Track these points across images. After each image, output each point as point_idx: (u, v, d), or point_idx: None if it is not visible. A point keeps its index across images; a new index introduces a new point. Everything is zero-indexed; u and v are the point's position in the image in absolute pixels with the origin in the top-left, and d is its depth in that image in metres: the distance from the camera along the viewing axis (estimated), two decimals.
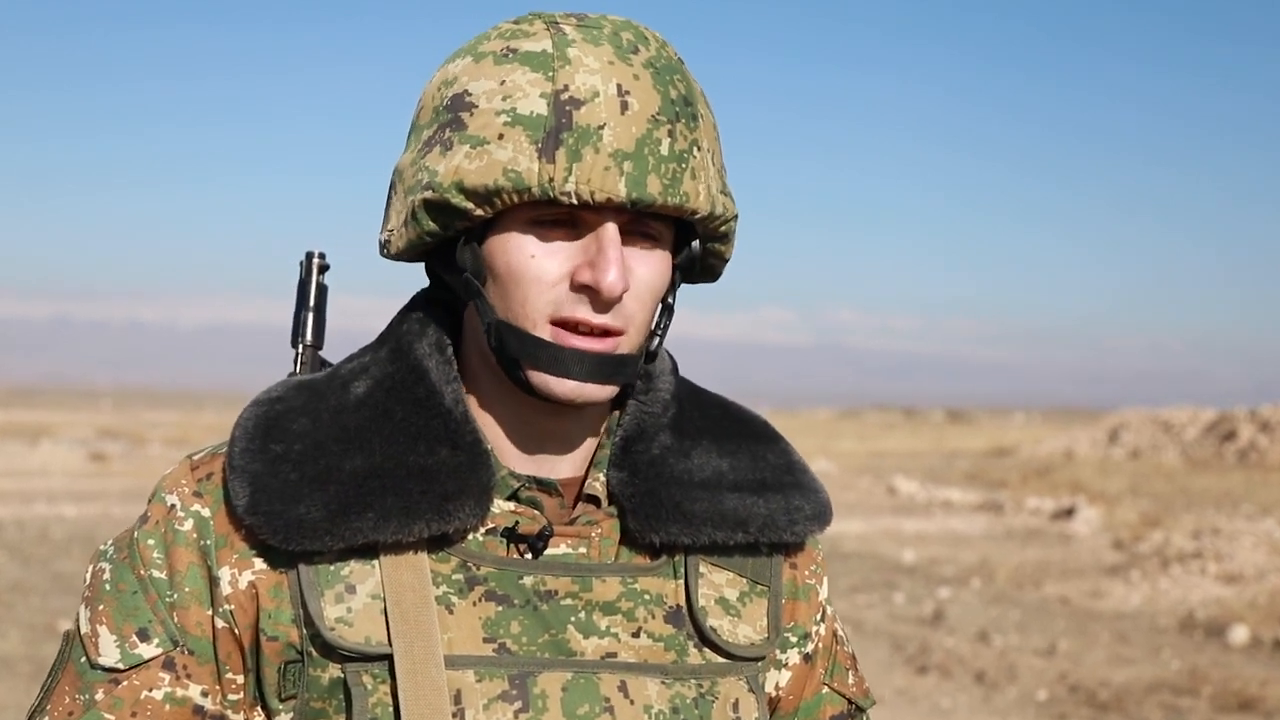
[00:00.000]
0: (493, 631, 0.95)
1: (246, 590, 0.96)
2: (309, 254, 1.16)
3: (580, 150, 0.90)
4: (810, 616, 1.11)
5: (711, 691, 1.00)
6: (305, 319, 1.14)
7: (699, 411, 1.08)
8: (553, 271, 0.94)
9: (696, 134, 0.94)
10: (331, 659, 0.94)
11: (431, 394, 0.99)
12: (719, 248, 1.02)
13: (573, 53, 0.92)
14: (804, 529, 1.06)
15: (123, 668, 0.95)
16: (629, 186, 0.90)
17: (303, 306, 1.14)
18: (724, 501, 1.02)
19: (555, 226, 0.94)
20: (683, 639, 1.00)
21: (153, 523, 0.98)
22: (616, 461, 1.03)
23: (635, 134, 0.91)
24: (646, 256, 0.96)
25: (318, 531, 0.93)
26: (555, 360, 0.94)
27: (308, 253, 1.16)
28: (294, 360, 1.13)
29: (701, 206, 0.94)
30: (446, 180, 0.92)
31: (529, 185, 0.90)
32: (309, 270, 1.15)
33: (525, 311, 0.94)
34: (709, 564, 1.03)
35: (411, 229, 0.96)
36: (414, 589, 0.94)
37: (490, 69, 0.93)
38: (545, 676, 0.95)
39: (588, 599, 0.98)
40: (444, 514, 0.94)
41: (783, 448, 1.09)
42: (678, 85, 0.94)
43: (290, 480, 0.94)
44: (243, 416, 0.99)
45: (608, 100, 0.91)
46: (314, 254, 1.16)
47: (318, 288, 1.15)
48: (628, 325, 0.95)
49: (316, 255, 1.16)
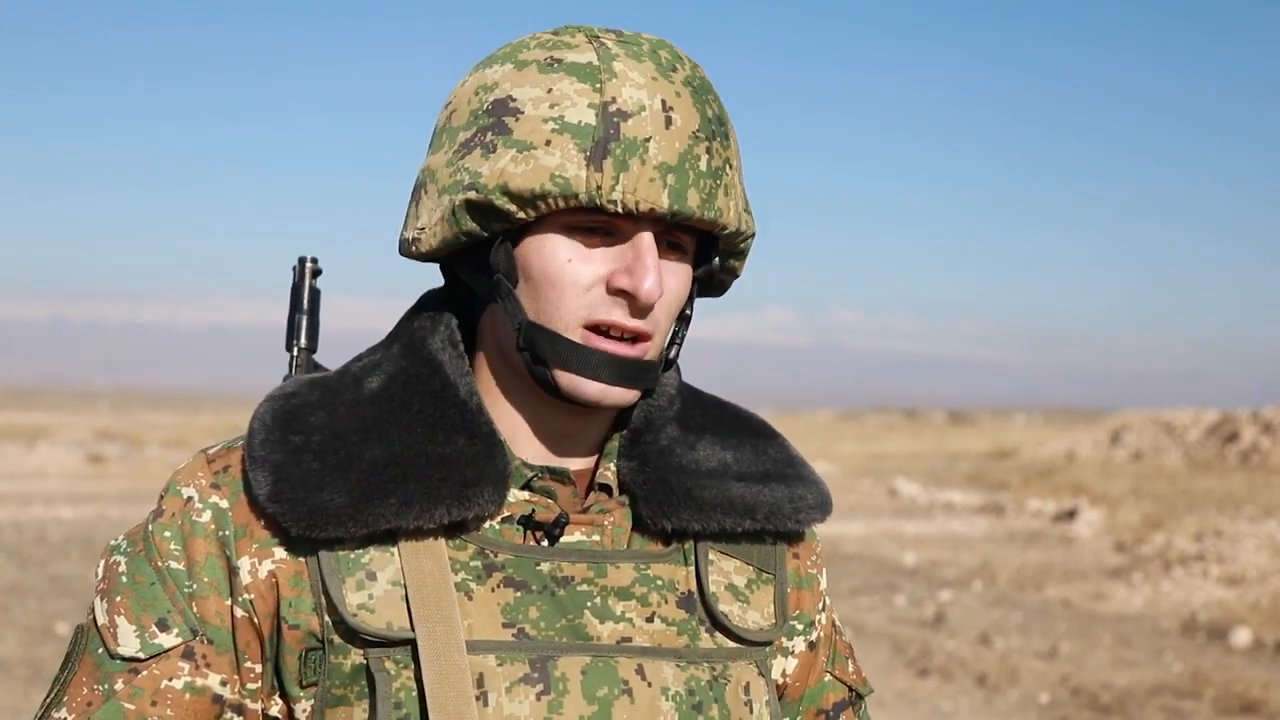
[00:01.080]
0: (511, 617, 0.97)
1: (266, 580, 0.97)
2: (301, 259, 1.18)
3: (628, 161, 0.93)
4: (813, 605, 1.15)
5: (724, 675, 1.02)
6: (299, 323, 1.16)
7: (700, 409, 1.11)
8: (588, 276, 0.97)
9: (729, 153, 0.99)
10: (354, 645, 0.96)
11: (447, 385, 1.01)
12: (734, 264, 1.07)
13: (618, 66, 0.95)
14: (808, 517, 1.09)
15: (143, 657, 0.96)
16: (671, 199, 0.94)
17: (296, 310, 1.16)
18: (731, 489, 1.05)
19: (592, 234, 0.97)
20: (695, 624, 1.03)
21: (168, 515, 1.00)
22: (626, 452, 1.05)
23: (678, 149, 0.94)
24: (674, 268, 0.99)
25: (341, 518, 0.94)
26: (585, 363, 0.97)
27: (300, 258, 1.18)
28: (289, 364, 1.15)
29: (731, 222, 0.99)
30: (491, 182, 0.94)
31: (576, 191, 0.93)
32: (302, 274, 1.17)
33: (559, 314, 0.97)
34: (717, 551, 1.06)
35: (449, 227, 0.98)
36: (434, 575, 0.96)
37: (535, 76, 0.96)
38: (565, 660, 0.97)
39: (603, 585, 1.00)
40: (464, 500, 0.96)
41: (781, 443, 1.13)
42: (712, 104, 0.98)
43: (312, 469, 0.96)
44: (259, 411, 1.00)
45: (653, 114, 0.94)
46: (306, 259, 1.18)
47: (311, 292, 1.17)
48: (655, 331, 0.99)
49: (309, 260, 1.18)
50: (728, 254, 1.05)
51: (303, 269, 1.17)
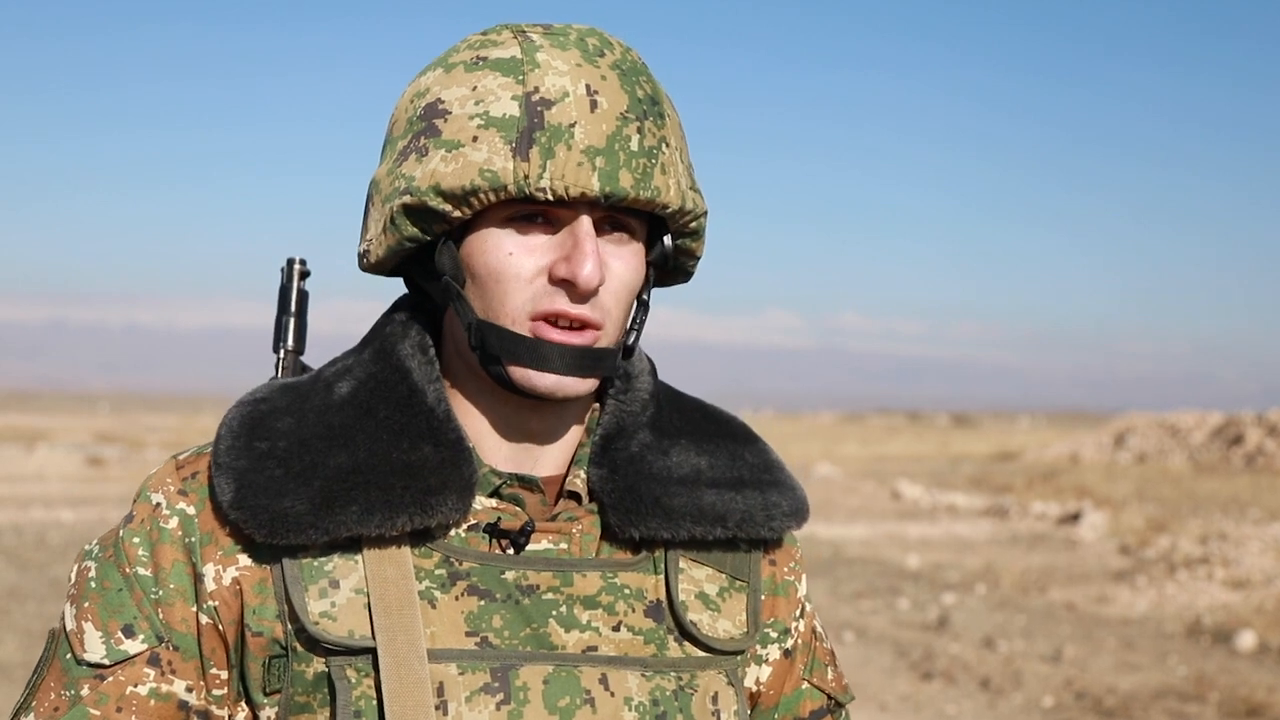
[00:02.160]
0: (475, 625, 0.97)
1: (230, 586, 0.97)
2: (290, 260, 1.18)
3: (553, 147, 0.92)
4: (790, 612, 1.13)
5: (691, 684, 1.01)
6: (286, 324, 1.16)
7: (678, 413, 1.10)
8: (530, 267, 0.96)
9: (664, 131, 0.97)
10: (315, 653, 0.95)
11: (414, 393, 1.01)
12: (690, 244, 1.04)
13: (541, 57, 0.95)
14: (781, 525, 1.08)
15: (108, 663, 0.96)
16: (602, 181, 0.93)
17: (284, 312, 1.16)
18: (702, 497, 1.04)
19: (531, 224, 0.96)
20: (663, 633, 1.02)
21: (138, 521, 1.00)
22: (596, 459, 1.04)
23: (605, 131, 0.94)
24: (620, 252, 0.98)
25: (302, 525, 0.94)
26: (535, 355, 0.96)
27: (289, 259, 1.18)
28: (275, 365, 1.15)
29: (672, 200, 0.97)
30: (424, 184, 0.95)
31: (505, 183, 0.93)
32: (290, 276, 1.17)
33: (505, 309, 0.96)
34: (689, 559, 1.05)
35: (390, 235, 0.98)
36: (397, 583, 0.96)
37: (461, 76, 0.96)
38: (527, 669, 0.96)
39: (569, 593, 1.00)
40: (426, 508, 0.96)
41: (760, 447, 1.11)
42: (644, 85, 0.97)
43: (275, 476, 0.96)
44: (228, 416, 1.00)
45: (577, 99, 0.93)
46: (294, 260, 1.18)
47: (299, 293, 1.17)
48: (605, 319, 0.98)
49: (297, 261, 1.18)
50: (679, 234, 1.03)
51: (290, 270, 1.17)
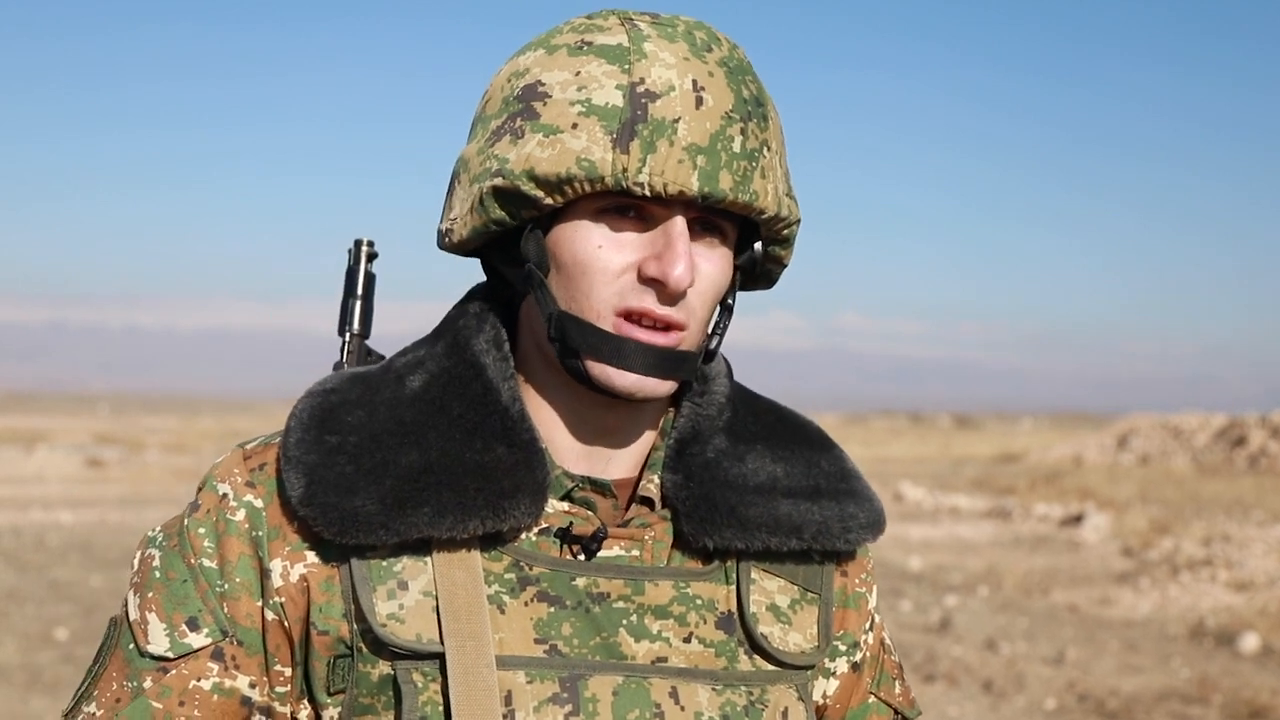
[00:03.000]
0: (544, 632, 0.95)
1: (298, 583, 0.96)
2: (357, 242, 1.15)
3: (655, 142, 0.90)
4: (860, 625, 1.11)
5: (761, 699, 0.99)
6: (353, 307, 1.13)
7: (753, 416, 1.07)
8: (619, 262, 0.94)
9: (767, 134, 0.95)
10: (382, 656, 0.94)
11: (488, 390, 0.99)
12: (779, 252, 1.02)
13: (649, 47, 0.92)
14: (858, 537, 1.05)
15: (172, 656, 0.95)
16: (701, 180, 0.91)
17: (350, 295, 1.14)
18: (779, 507, 1.01)
19: (623, 218, 0.94)
20: (734, 645, 1.00)
21: (204, 511, 0.98)
22: (671, 464, 1.02)
23: (709, 129, 0.91)
24: (711, 254, 0.96)
25: (373, 525, 0.92)
26: (617, 352, 0.94)
27: (356, 240, 1.15)
28: (340, 349, 1.13)
29: (769, 206, 0.95)
30: (518, 168, 0.92)
31: (602, 175, 0.91)
32: (357, 258, 1.14)
33: (590, 303, 0.94)
34: (761, 570, 1.03)
35: (478, 216, 0.96)
36: (466, 587, 0.94)
37: (564, 60, 0.94)
38: (596, 680, 0.95)
39: (640, 602, 0.98)
40: (499, 512, 0.94)
41: (837, 455, 1.09)
42: (750, 85, 0.95)
43: (346, 472, 0.94)
44: (297, 407, 0.99)
45: (683, 95, 0.91)
46: (362, 241, 1.15)
47: (366, 276, 1.14)
48: (690, 320, 0.95)
49: (365, 243, 1.15)
50: (771, 241, 1.01)
51: (358, 252, 1.14)
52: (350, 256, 1.15)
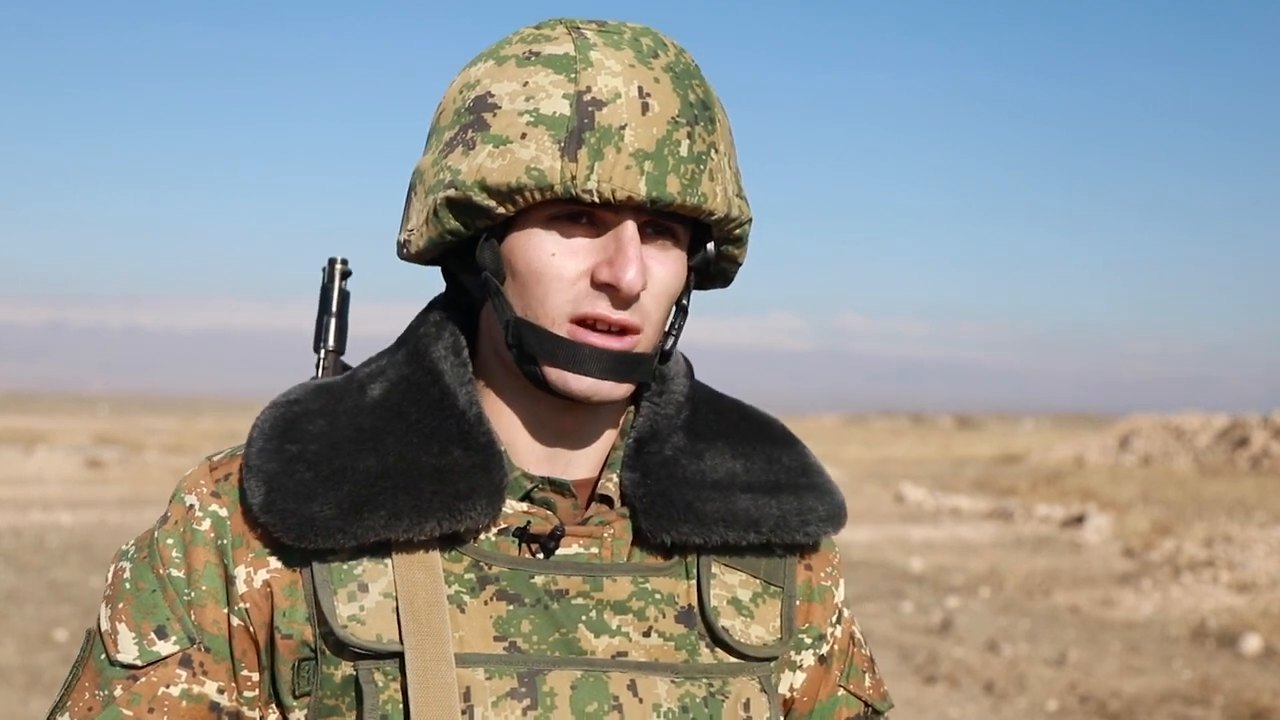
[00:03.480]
0: (504, 630, 0.97)
1: (261, 589, 0.98)
2: (331, 260, 1.18)
3: (602, 149, 0.92)
4: (825, 618, 1.12)
5: (722, 691, 1.01)
6: (327, 324, 1.16)
7: (715, 414, 1.09)
8: (572, 269, 0.95)
9: (714, 137, 0.97)
10: (344, 657, 0.96)
11: (446, 395, 1.01)
12: (733, 251, 1.04)
13: (595, 55, 0.94)
14: (817, 530, 1.07)
15: (140, 664, 0.97)
16: (649, 185, 0.92)
17: (325, 312, 1.17)
18: (736, 502, 1.03)
19: (575, 225, 0.96)
20: (694, 639, 1.01)
21: (172, 523, 1.01)
22: (630, 462, 1.04)
23: (656, 135, 0.93)
24: (663, 257, 0.98)
25: (330, 529, 0.94)
26: (572, 357, 0.96)
27: (330, 259, 1.18)
28: (316, 365, 1.15)
29: (719, 208, 0.96)
30: (469, 178, 0.94)
31: (551, 183, 0.92)
32: (331, 276, 1.17)
33: (545, 310, 0.96)
34: (722, 565, 1.04)
35: (433, 227, 0.98)
36: (426, 588, 0.96)
37: (513, 71, 0.96)
38: (555, 675, 0.96)
39: (599, 598, 0.99)
40: (455, 513, 0.96)
41: (798, 450, 1.10)
42: (696, 89, 0.96)
43: (305, 479, 0.96)
44: (260, 418, 1.01)
45: (629, 101, 0.93)
46: (336, 260, 1.18)
47: (340, 293, 1.17)
48: (644, 323, 0.97)
49: (339, 261, 1.18)
50: (723, 241, 1.03)
51: (332, 270, 1.17)
52: (324, 275, 1.18)
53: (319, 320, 1.17)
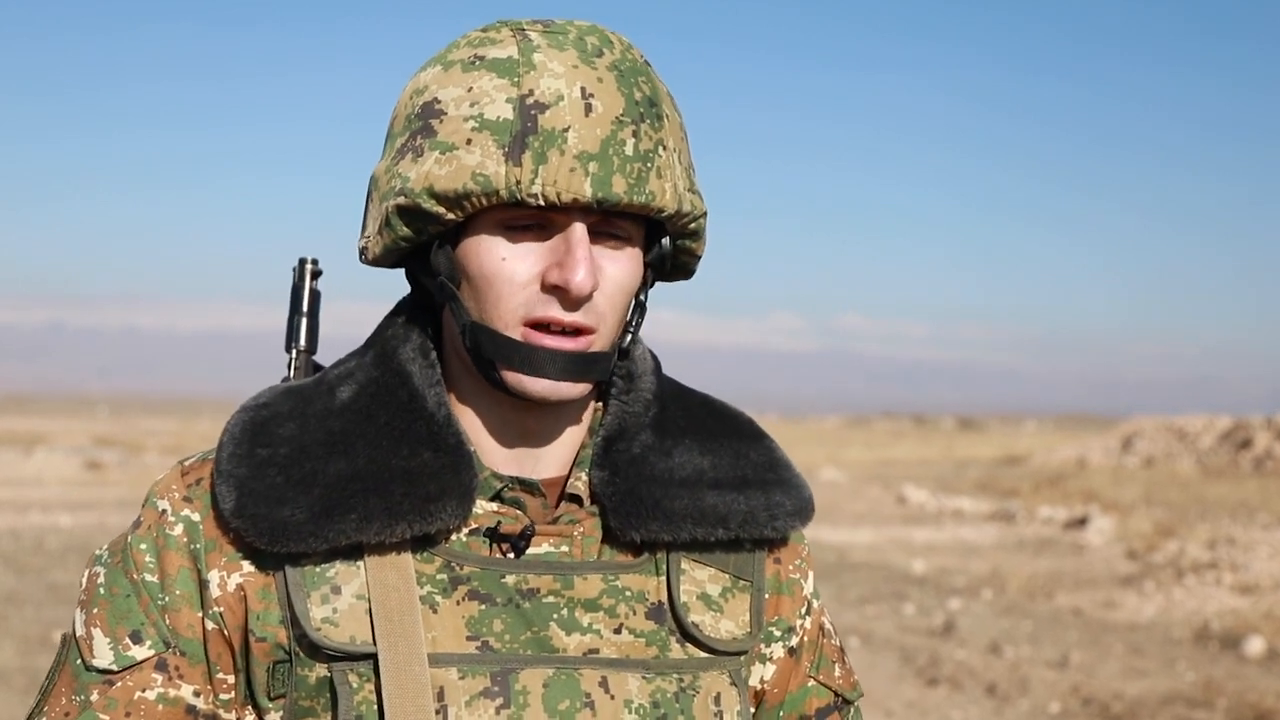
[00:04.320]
0: (476, 630, 0.98)
1: (235, 593, 0.98)
2: (301, 260, 1.18)
3: (545, 153, 0.92)
4: (794, 610, 1.13)
5: (693, 685, 1.02)
6: (299, 325, 1.16)
7: (683, 411, 1.10)
8: (523, 273, 0.96)
9: (662, 134, 0.96)
10: (318, 659, 0.96)
11: (414, 397, 1.01)
12: (690, 245, 1.04)
13: (538, 58, 0.94)
14: (785, 524, 1.08)
15: (116, 669, 0.98)
16: (594, 187, 0.93)
17: (296, 312, 1.17)
18: (704, 499, 1.04)
19: (525, 229, 0.96)
20: (664, 634, 1.02)
21: (145, 527, 1.01)
22: (598, 461, 1.05)
23: (600, 135, 0.93)
24: (616, 255, 0.98)
25: (302, 533, 0.95)
26: (528, 360, 0.96)
27: (300, 259, 1.18)
28: (288, 365, 1.16)
29: (668, 205, 0.96)
30: (418, 186, 0.95)
31: (497, 188, 0.93)
32: (301, 276, 1.17)
33: (498, 313, 0.96)
34: (691, 560, 1.05)
35: (386, 235, 0.99)
36: (398, 589, 0.97)
37: (458, 76, 0.96)
38: (527, 673, 0.97)
39: (570, 596, 1.00)
40: (426, 515, 0.97)
41: (766, 445, 1.11)
42: (642, 87, 0.97)
43: (275, 483, 0.97)
44: (230, 422, 1.01)
45: (572, 103, 0.93)
46: (306, 260, 1.18)
47: (311, 293, 1.17)
48: (599, 323, 0.98)
49: (309, 261, 1.18)
50: (679, 235, 1.03)
51: (302, 270, 1.17)
52: (295, 274, 1.17)
53: (290, 320, 1.16)
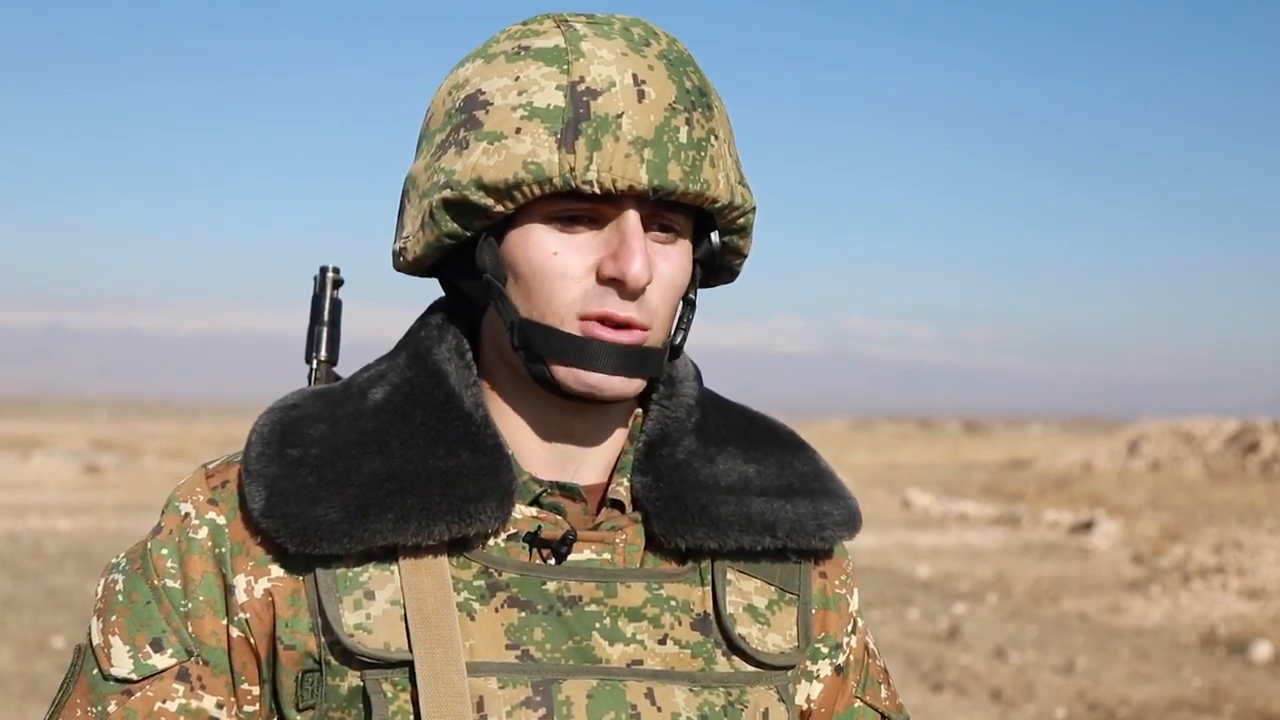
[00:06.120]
0: (515, 638, 0.95)
1: (262, 598, 0.96)
2: (323, 269, 1.17)
3: (600, 139, 0.90)
4: (841, 627, 1.11)
5: (740, 700, 0.99)
6: (319, 334, 1.15)
7: (724, 419, 1.07)
8: (577, 266, 0.93)
9: (713, 123, 0.95)
10: (350, 667, 0.94)
11: (451, 397, 0.99)
12: (738, 242, 1.02)
13: (586, 46, 0.93)
14: (833, 535, 1.05)
15: (135, 678, 0.95)
16: (650, 173, 0.91)
17: (316, 322, 1.15)
18: (751, 505, 1.01)
19: (575, 221, 0.94)
20: (710, 646, 1.00)
21: (166, 532, 0.98)
22: (640, 466, 1.02)
23: (654, 121, 0.91)
24: (667, 250, 0.96)
25: (336, 533, 0.92)
26: (583, 353, 0.94)
27: (321, 267, 1.17)
28: (308, 376, 1.14)
29: (721, 195, 0.95)
30: (465, 177, 0.92)
31: (550, 176, 0.90)
32: (323, 285, 1.16)
33: (552, 309, 0.94)
34: (736, 571, 1.02)
35: (429, 231, 0.96)
36: (434, 594, 0.94)
37: (503, 67, 0.94)
38: (570, 684, 0.94)
39: (613, 605, 0.97)
40: (465, 516, 0.94)
41: (810, 455, 1.09)
42: (691, 76, 0.95)
43: (308, 483, 0.94)
44: (259, 423, 0.99)
45: (624, 89, 0.91)
46: (328, 269, 1.17)
47: (332, 302, 1.16)
48: (652, 319, 0.95)
49: (331, 270, 1.17)
50: (727, 231, 1.00)
51: (324, 279, 1.16)
52: (316, 284, 1.16)
53: (310, 330, 1.15)
